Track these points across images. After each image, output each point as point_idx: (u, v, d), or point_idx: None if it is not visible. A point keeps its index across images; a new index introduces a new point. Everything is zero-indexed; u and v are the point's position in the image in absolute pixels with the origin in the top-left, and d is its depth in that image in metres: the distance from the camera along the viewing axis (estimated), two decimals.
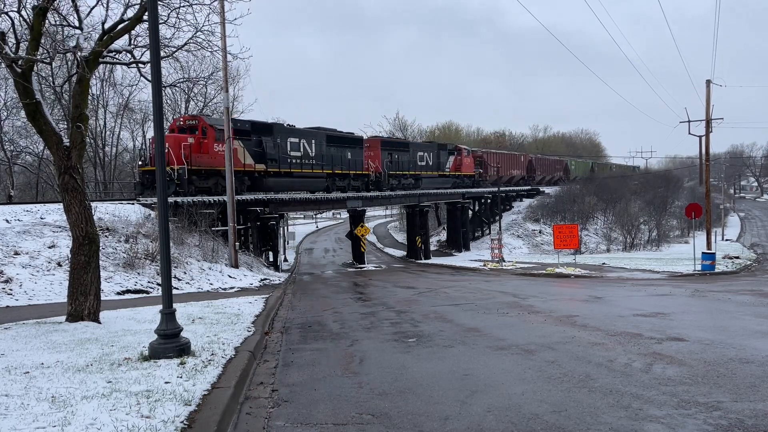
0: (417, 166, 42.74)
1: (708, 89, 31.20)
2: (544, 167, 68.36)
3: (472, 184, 51.20)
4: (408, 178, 41.82)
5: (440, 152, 46.21)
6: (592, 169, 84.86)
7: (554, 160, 74.94)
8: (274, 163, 29.16)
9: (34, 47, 9.96)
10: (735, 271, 27.51)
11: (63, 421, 4.87)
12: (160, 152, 7.62)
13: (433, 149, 45.91)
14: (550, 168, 70.08)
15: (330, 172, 33.56)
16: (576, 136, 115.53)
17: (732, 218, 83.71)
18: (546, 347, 8.55)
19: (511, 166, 59.30)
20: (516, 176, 60.42)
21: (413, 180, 42.66)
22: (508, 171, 58.28)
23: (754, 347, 8.18)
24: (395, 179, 40.22)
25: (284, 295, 18.34)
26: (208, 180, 25.86)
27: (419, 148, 44.19)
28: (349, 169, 35.31)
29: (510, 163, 59.36)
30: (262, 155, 28.49)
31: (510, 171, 58.74)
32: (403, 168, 41.01)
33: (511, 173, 59.00)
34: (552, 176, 70.29)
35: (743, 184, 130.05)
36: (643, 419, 5.27)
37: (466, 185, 49.79)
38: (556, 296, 16.49)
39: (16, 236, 16.77)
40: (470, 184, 50.72)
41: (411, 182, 42.44)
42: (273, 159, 29.10)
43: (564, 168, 74.35)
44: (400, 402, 6.05)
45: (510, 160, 59.72)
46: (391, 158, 39.47)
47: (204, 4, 11.67)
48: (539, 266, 30.82)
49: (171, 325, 7.47)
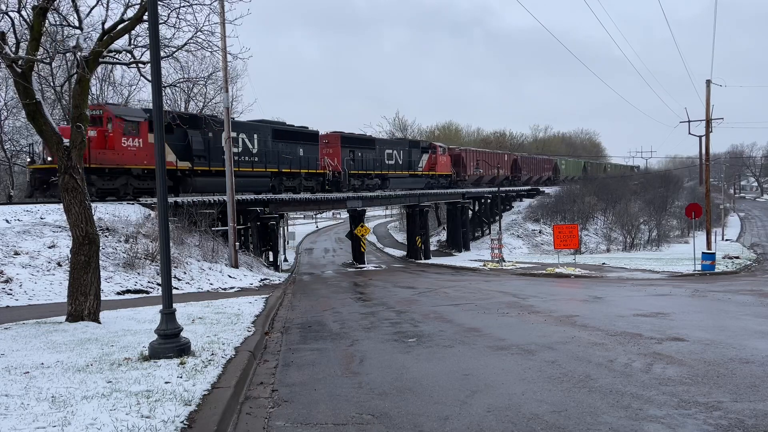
0: (384, 165, 39.22)
1: (708, 89, 31.20)
2: (530, 167, 65.13)
3: (449, 184, 48.14)
4: (373, 178, 38.38)
5: (412, 150, 43.08)
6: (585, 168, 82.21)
7: (542, 159, 71.51)
8: (202, 161, 25.45)
9: (34, 47, 9.96)
10: (735, 271, 27.51)
11: (63, 421, 4.87)
12: (161, 152, 7.62)
13: (404, 147, 42.88)
14: (537, 167, 66.92)
15: (276, 171, 29.91)
16: (576, 136, 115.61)
17: (732, 218, 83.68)
18: (546, 347, 8.55)
19: (493, 165, 55.89)
20: (499, 176, 56.72)
21: (379, 180, 39.24)
22: (489, 170, 54.98)
23: (754, 347, 8.18)
24: (357, 179, 36.74)
25: (284, 295, 18.34)
26: (115, 180, 22.44)
27: (387, 145, 40.82)
28: (300, 168, 31.70)
29: (492, 162, 55.93)
30: (186, 151, 25.11)
31: (492, 170, 55.36)
32: (368, 167, 37.45)
33: (493, 173, 55.52)
34: (540, 176, 67.42)
35: (743, 184, 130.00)
36: (643, 419, 5.27)
37: (441, 186, 46.82)
38: (556, 296, 16.49)
39: (16, 236, 16.77)
40: (446, 185, 47.67)
41: (377, 182, 39.06)
42: (201, 156, 25.46)
43: (553, 167, 71.75)
44: (400, 402, 6.05)
45: (492, 159, 56.27)
46: (353, 156, 36.04)
47: (204, 4, 11.67)
48: (539, 266, 30.82)
49: (171, 325, 7.47)
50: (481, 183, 53.96)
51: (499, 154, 59.62)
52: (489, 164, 55.10)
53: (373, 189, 38.28)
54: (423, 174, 44.18)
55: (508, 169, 59.02)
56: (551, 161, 72.93)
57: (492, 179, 55.71)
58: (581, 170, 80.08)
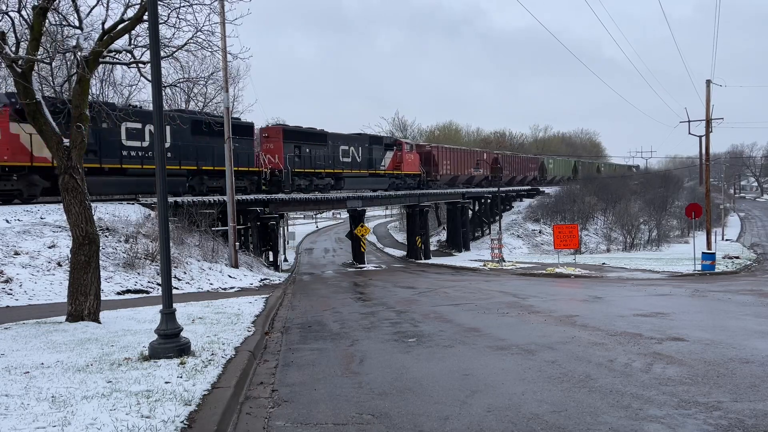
0: (339, 163, 35.08)
1: (708, 89, 31.20)
2: (513, 166, 60.88)
3: (417, 185, 44.01)
4: (324, 178, 34.16)
5: (373, 147, 38.60)
6: (575, 168, 78.24)
7: (526, 158, 67.27)
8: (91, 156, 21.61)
9: (34, 47, 9.96)
10: (735, 271, 27.51)
11: (63, 421, 4.87)
12: (161, 152, 7.62)
13: (364, 143, 38.09)
14: (521, 167, 62.73)
15: (194, 169, 25.40)
16: (576, 136, 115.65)
17: (732, 218, 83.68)
18: (546, 347, 8.55)
19: (471, 164, 51.60)
20: (477, 176, 52.89)
21: (332, 180, 35.04)
22: (466, 170, 50.84)
23: (754, 347, 8.19)
24: (304, 178, 32.68)
25: (284, 295, 18.34)
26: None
27: (342, 141, 36.05)
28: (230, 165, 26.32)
29: (468, 160, 51.50)
30: None
31: (468, 170, 51.23)
32: (318, 164, 33.35)
33: (470, 172, 51.48)
34: (524, 176, 63.52)
35: (743, 184, 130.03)
36: (643, 419, 5.27)
37: (408, 186, 42.74)
38: (556, 296, 16.49)
39: (16, 236, 16.77)
40: (414, 186, 43.54)
41: (329, 182, 34.73)
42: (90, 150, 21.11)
43: (539, 167, 68.00)
44: (400, 402, 6.05)
45: (468, 158, 51.85)
46: (299, 152, 32.00)
47: (204, 4, 11.66)
48: (539, 266, 30.82)
49: (171, 325, 7.47)
50: (457, 183, 50.52)
51: (476, 152, 55.46)
52: (464, 163, 50.90)
53: (325, 189, 34.36)
54: (386, 173, 39.97)
55: (487, 168, 54.94)
56: (537, 160, 69.25)
57: (469, 179, 52.38)
58: (571, 170, 76.78)
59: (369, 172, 38.25)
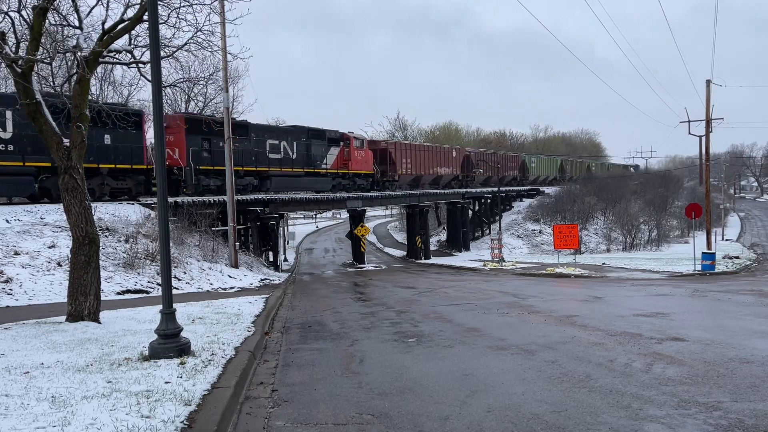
0: (265, 159, 29.61)
1: (708, 89, 31.20)
2: (489, 165, 55.60)
3: (371, 185, 38.59)
4: (243, 177, 28.20)
5: (312, 141, 33.06)
6: (562, 168, 73.32)
7: (504, 156, 61.58)
8: None
9: (34, 47, 9.96)
10: (735, 271, 27.51)
11: (63, 421, 4.87)
12: (161, 152, 7.62)
13: (300, 136, 32.36)
14: (498, 166, 57.46)
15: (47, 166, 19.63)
16: (576, 136, 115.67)
17: (732, 218, 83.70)
18: (546, 347, 8.55)
19: (437, 163, 46.47)
20: (445, 176, 47.99)
21: (255, 179, 29.34)
22: (431, 169, 45.64)
23: (754, 347, 8.19)
24: (215, 177, 26.25)
25: (284, 295, 18.34)
26: None
27: (271, 134, 30.49)
28: (107, 162, 21.99)
29: (434, 159, 46.25)
30: None
31: (434, 169, 46.09)
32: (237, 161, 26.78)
33: (435, 172, 46.35)
34: (503, 176, 58.28)
35: (743, 184, 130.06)
36: (643, 419, 5.27)
37: (360, 187, 37.41)
38: (556, 296, 16.49)
39: (16, 236, 16.77)
40: (366, 186, 38.14)
41: (250, 182, 29.01)
42: None
43: (520, 166, 62.99)
44: (400, 402, 6.05)
45: (434, 156, 46.50)
46: (209, 146, 26.18)
47: (204, 4, 11.66)
48: (539, 266, 30.82)
49: (171, 325, 7.47)
50: (420, 184, 45.28)
51: (443, 149, 49.55)
52: (429, 161, 45.52)
53: (245, 191, 28.37)
54: (329, 172, 34.49)
55: (457, 167, 49.65)
56: (517, 158, 64.08)
57: (435, 180, 47.28)
58: (557, 170, 72.06)
59: (306, 171, 32.63)
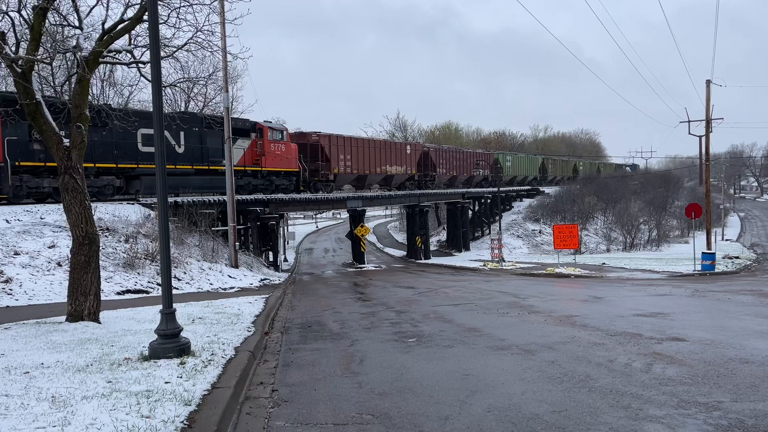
0: (135, 154, 23.10)
1: (708, 89, 31.21)
2: (453, 163, 49.48)
3: (295, 186, 31.93)
4: (100, 177, 22.20)
5: (208, 131, 25.83)
6: (543, 167, 66.98)
7: (474, 153, 54.74)
8: None
9: (34, 47, 9.96)
10: (735, 271, 27.52)
11: (63, 421, 4.87)
12: (161, 152, 7.62)
13: (192, 125, 25.39)
14: (464, 165, 51.25)
15: None
16: (576, 136, 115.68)
17: (732, 218, 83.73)
18: (546, 347, 8.55)
19: (386, 160, 40.19)
20: (397, 176, 41.72)
21: (119, 179, 22.98)
22: (378, 167, 39.30)
23: (754, 347, 8.18)
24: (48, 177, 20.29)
25: (284, 295, 18.34)
26: None
27: (146, 122, 22.08)
28: None
29: (381, 156, 39.82)
30: None
31: (383, 167, 39.80)
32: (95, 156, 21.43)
33: (386, 170, 40.18)
34: (470, 175, 52.31)
35: (743, 184, 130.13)
36: (643, 419, 5.27)
37: (280, 188, 30.67)
38: (556, 296, 16.49)
39: (16, 236, 16.77)
40: (289, 187, 31.41)
41: (111, 183, 22.53)
42: None
43: (492, 165, 56.10)
44: (400, 402, 6.05)
45: (382, 153, 39.87)
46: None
47: (204, 4, 11.66)
48: (539, 266, 30.82)
49: (171, 325, 7.47)
50: (365, 185, 39.55)
51: (396, 144, 43.40)
52: (375, 159, 39.25)
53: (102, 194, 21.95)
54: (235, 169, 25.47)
55: (412, 165, 43.69)
56: (488, 156, 57.19)
57: (385, 179, 41.09)
58: (537, 169, 65.40)
59: (196, 168, 25.89)
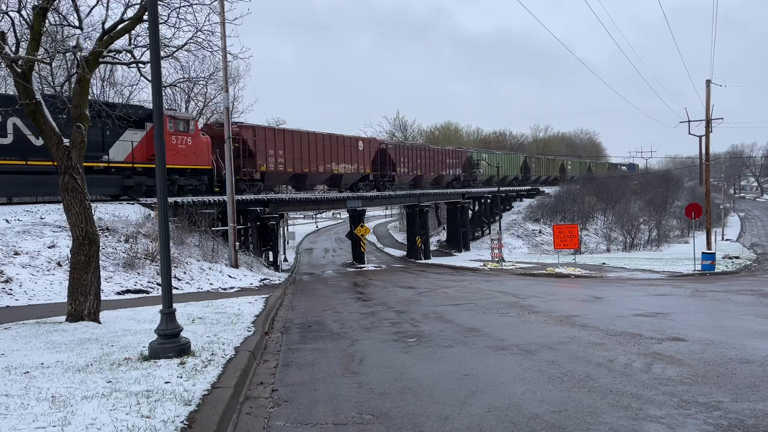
0: None
1: (708, 89, 31.20)
2: (417, 162, 43.80)
3: (207, 187, 26.03)
4: None
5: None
6: (525, 167, 62.31)
7: (443, 150, 48.85)
8: None
9: (34, 47, 9.96)
10: (735, 271, 27.51)
11: (63, 421, 4.87)
12: (161, 152, 7.62)
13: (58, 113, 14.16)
14: (430, 164, 45.68)
15: None
16: (576, 136, 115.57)
17: (732, 218, 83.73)
18: (546, 347, 8.55)
19: (332, 158, 34.93)
20: (347, 175, 36.48)
21: None
22: (321, 166, 34.10)
23: (754, 347, 8.18)
24: None
25: (284, 295, 18.34)
26: None
27: None
28: None
29: (326, 153, 34.53)
30: None
31: (328, 166, 34.58)
32: None
33: (332, 169, 35.02)
34: (439, 174, 46.98)
35: (743, 184, 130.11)
36: (643, 419, 5.27)
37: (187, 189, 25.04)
38: (556, 296, 16.49)
39: (16, 236, 16.76)
40: (199, 188, 25.63)
41: None
42: None
43: (465, 164, 50.59)
44: (400, 402, 6.05)
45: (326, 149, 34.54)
46: None
47: (204, 4, 11.66)
48: (539, 266, 30.82)
49: (171, 325, 7.47)
50: (307, 185, 34.60)
51: (345, 139, 36.54)
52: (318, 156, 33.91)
53: None
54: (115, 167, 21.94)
55: (366, 164, 38.10)
56: (460, 154, 50.95)
57: (332, 179, 35.90)
58: (519, 169, 60.71)
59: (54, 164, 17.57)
